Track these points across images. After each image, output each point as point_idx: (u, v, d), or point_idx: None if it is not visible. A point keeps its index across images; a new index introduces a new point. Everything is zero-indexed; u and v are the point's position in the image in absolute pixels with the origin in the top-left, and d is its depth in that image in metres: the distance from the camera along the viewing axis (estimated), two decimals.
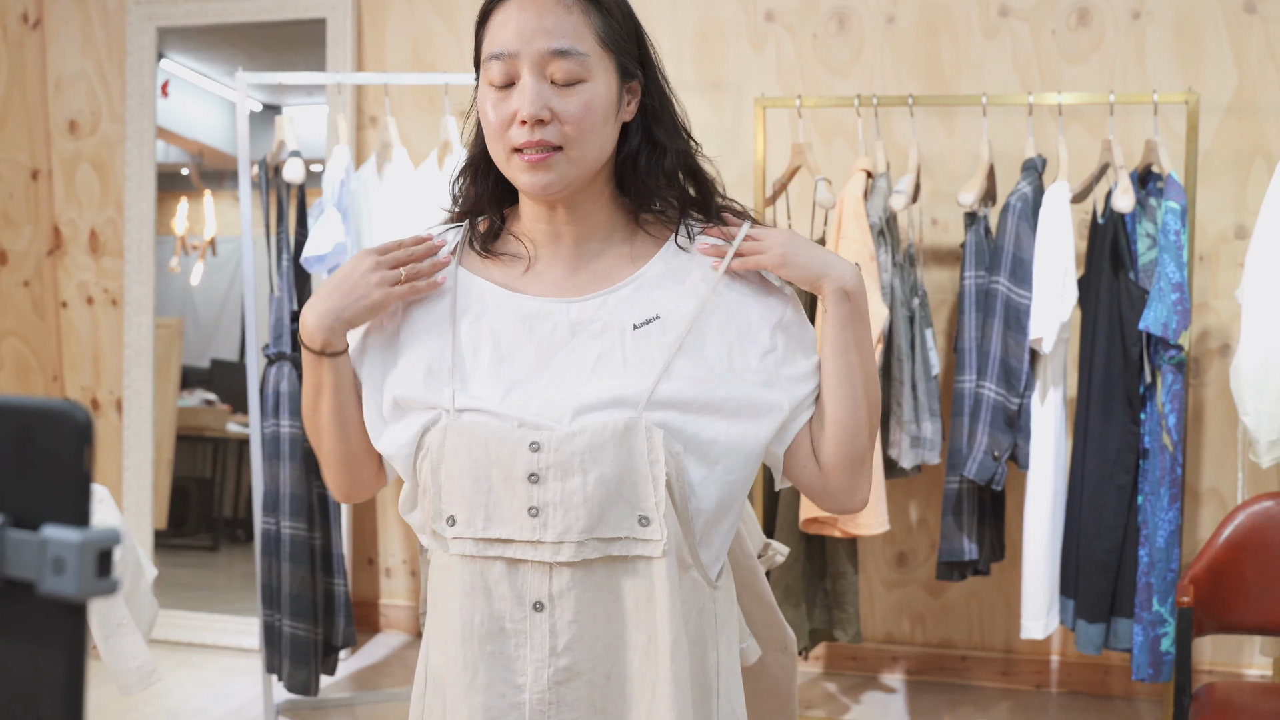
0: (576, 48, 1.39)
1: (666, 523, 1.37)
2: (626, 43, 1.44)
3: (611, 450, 1.36)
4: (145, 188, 4.63)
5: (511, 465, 1.38)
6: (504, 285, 1.48)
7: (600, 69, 1.41)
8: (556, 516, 1.37)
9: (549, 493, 1.36)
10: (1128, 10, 3.88)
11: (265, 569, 3.70)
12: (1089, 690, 4.05)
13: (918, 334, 3.61)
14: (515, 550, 1.39)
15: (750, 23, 4.14)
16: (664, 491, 1.36)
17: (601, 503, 1.36)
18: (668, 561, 1.38)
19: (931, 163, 3.97)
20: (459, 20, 4.36)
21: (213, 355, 5.57)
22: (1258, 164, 3.80)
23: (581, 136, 1.40)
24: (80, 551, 0.69)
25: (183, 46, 4.78)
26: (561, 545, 1.37)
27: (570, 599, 1.38)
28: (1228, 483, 3.87)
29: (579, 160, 1.41)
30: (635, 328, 1.42)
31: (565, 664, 1.39)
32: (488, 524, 1.39)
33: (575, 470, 1.36)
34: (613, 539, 1.37)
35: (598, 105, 1.40)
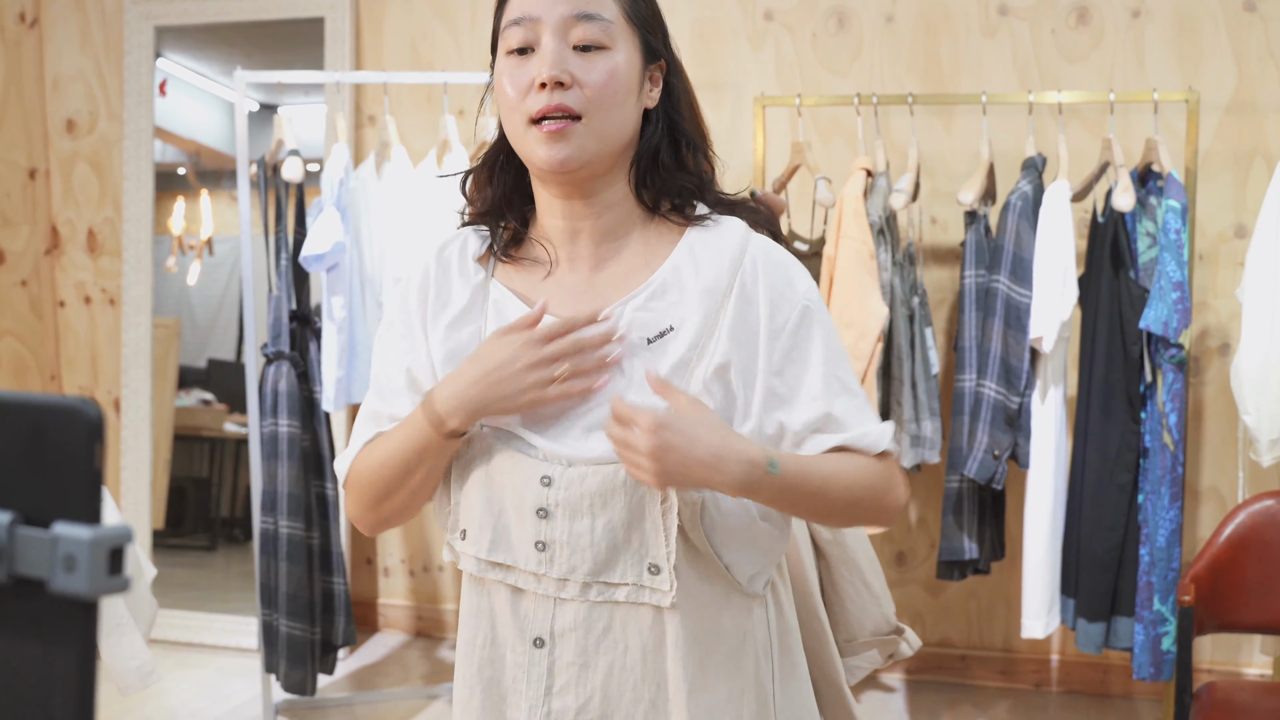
0: (600, 13, 1.35)
1: (676, 575, 1.33)
2: (652, 22, 1.41)
3: (622, 498, 1.32)
4: (143, 187, 4.62)
5: (522, 495, 1.35)
6: (527, 298, 1.43)
7: (624, 40, 1.37)
8: (563, 555, 1.34)
9: (556, 530, 1.34)
10: (1127, 9, 3.88)
11: (263, 568, 3.69)
12: (1088, 689, 4.05)
13: (917, 333, 3.61)
14: (518, 579, 1.37)
15: (749, 22, 4.13)
16: (675, 543, 1.32)
17: (609, 548, 1.33)
18: (681, 615, 1.34)
19: (931, 161, 3.97)
20: (457, 19, 4.35)
21: (210, 355, 5.57)
22: (1257, 163, 3.80)
23: (602, 104, 1.34)
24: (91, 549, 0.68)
25: (180, 46, 4.77)
26: (566, 583, 1.34)
27: (573, 640, 1.35)
28: (1228, 481, 3.87)
29: (598, 133, 1.35)
30: (649, 342, 1.37)
31: (559, 706, 1.36)
32: (493, 548, 1.38)
33: (584, 512, 1.33)
34: (620, 585, 1.34)
35: (620, 74, 1.36)
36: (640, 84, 1.40)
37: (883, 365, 3.55)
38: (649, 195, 1.43)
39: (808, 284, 1.41)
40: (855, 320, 3.40)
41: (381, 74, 3.78)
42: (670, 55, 1.44)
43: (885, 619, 1.63)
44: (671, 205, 1.44)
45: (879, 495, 1.38)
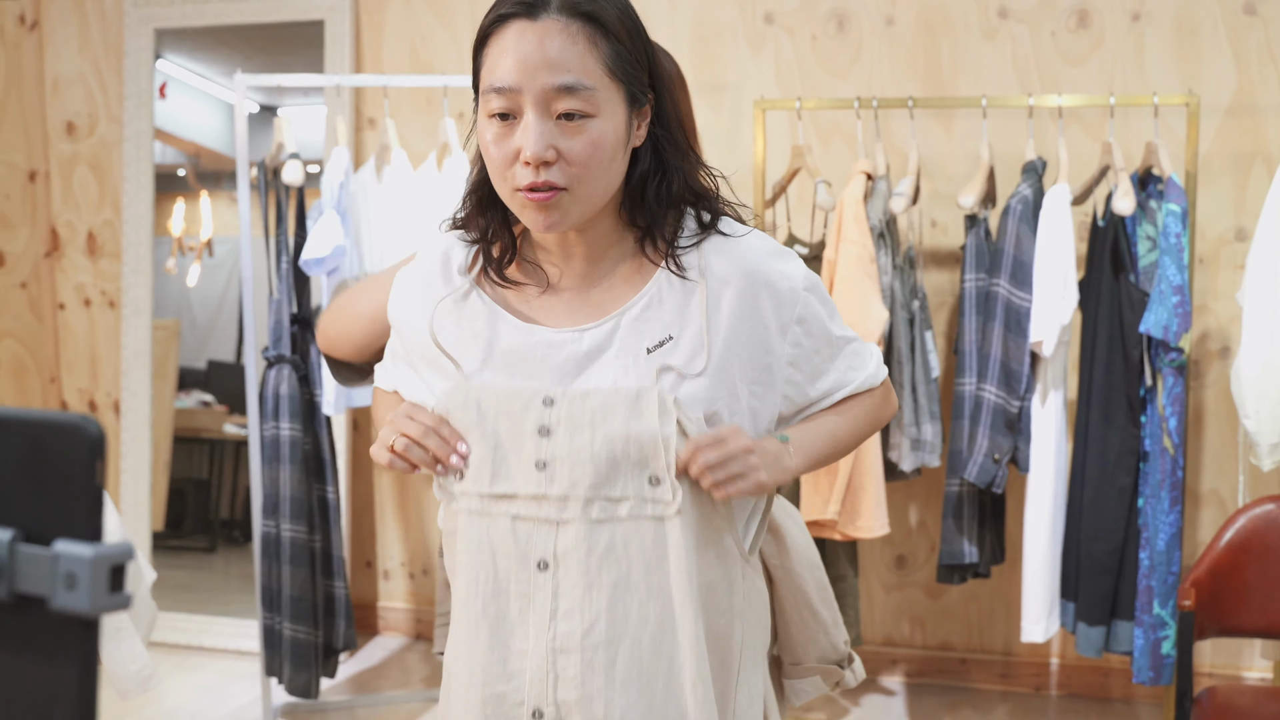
0: (583, 82, 1.31)
1: (681, 484, 1.34)
2: (636, 68, 1.36)
3: (622, 410, 1.34)
4: (143, 189, 4.62)
5: (523, 419, 1.36)
6: (519, 313, 1.44)
7: (608, 102, 1.33)
8: (563, 471, 1.35)
9: (557, 447, 1.35)
10: (1127, 12, 3.88)
11: (265, 572, 3.69)
12: (1088, 693, 4.05)
13: (917, 336, 3.60)
14: (520, 507, 1.37)
15: (749, 24, 4.13)
16: (674, 454, 1.33)
17: (609, 459, 1.34)
18: (683, 522, 1.35)
19: (931, 164, 3.97)
20: (457, 22, 4.35)
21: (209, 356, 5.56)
22: (1257, 166, 3.80)
23: (588, 176, 1.33)
24: (92, 567, 0.68)
25: (180, 47, 4.77)
26: (567, 501, 1.35)
27: (575, 559, 1.35)
28: (1228, 485, 3.87)
29: (585, 199, 1.35)
30: (649, 351, 1.39)
31: (564, 630, 1.36)
32: (494, 479, 1.38)
33: (584, 425, 1.34)
34: (620, 499, 1.35)
35: (605, 143, 1.33)
36: (628, 136, 1.38)
37: None
38: (641, 223, 1.43)
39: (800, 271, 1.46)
40: (855, 324, 3.39)
41: (381, 77, 3.78)
42: (658, 85, 1.41)
43: (833, 647, 1.64)
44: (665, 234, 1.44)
45: (876, 420, 1.56)
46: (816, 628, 1.61)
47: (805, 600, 1.65)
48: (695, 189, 1.44)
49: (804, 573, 1.66)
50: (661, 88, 1.41)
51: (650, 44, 1.41)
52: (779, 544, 1.65)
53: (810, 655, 1.67)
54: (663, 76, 1.42)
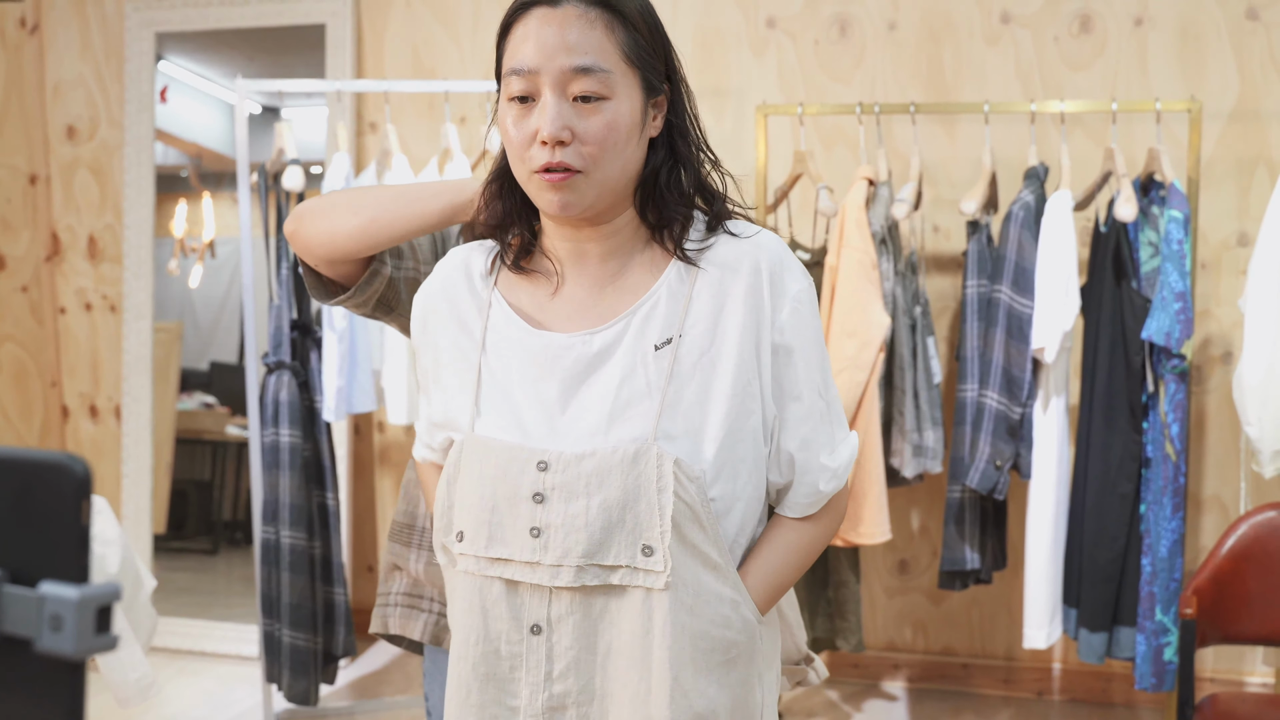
0: (600, 64, 1.35)
1: (672, 554, 1.34)
2: (653, 57, 1.41)
3: (618, 476, 1.34)
4: (144, 193, 4.61)
5: (518, 483, 1.36)
6: (531, 316, 1.45)
7: (624, 86, 1.37)
8: (557, 539, 1.35)
9: (552, 514, 1.35)
10: (1130, 17, 3.87)
11: (265, 578, 3.68)
12: (1091, 698, 4.04)
13: (919, 342, 3.60)
14: (514, 571, 1.37)
15: (751, 29, 4.12)
16: (670, 522, 1.33)
17: (604, 528, 1.34)
18: (673, 597, 1.35)
19: (933, 169, 3.96)
20: (459, 26, 4.34)
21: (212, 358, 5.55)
22: (1260, 171, 3.79)
23: (603, 158, 1.36)
24: (78, 609, 0.68)
25: (182, 49, 4.76)
26: (560, 569, 1.35)
27: (569, 624, 1.36)
28: (1230, 490, 3.86)
29: (600, 182, 1.37)
30: (656, 349, 1.39)
31: (561, 690, 1.38)
32: (490, 543, 1.39)
33: (580, 493, 1.34)
34: (613, 567, 1.35)
35: (620, 125, 1.36)
36: (643, 122, 1.41)
37: (885, 375, 3.54)
38: (653, 217, 1.44)
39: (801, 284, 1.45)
40: (857, 330, 3.39)
41: (383, 83, 3.77)
42: (675, 81, 1.45)
43: (796, 648, 1.65)
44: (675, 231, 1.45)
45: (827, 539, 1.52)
46: (784, 629, 1.61)
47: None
48: (708, 186, 1.47)
49: None
50: (678, 81, 1.45)
51: (668, 41, 1.45)
52: None
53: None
54: (680, 73, 1.45)
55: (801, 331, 1.43)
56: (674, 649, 1.35)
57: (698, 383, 1.38)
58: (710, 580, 1.37)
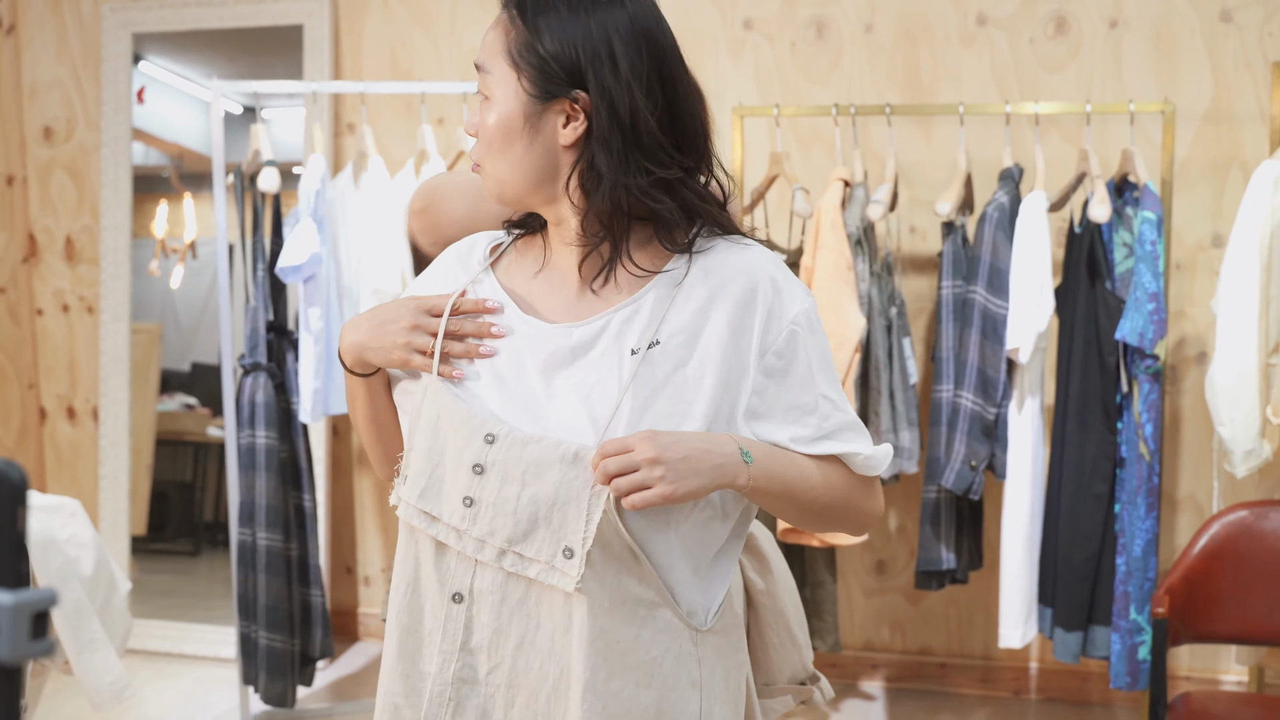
0: (485, 64, 1.42)
1: (592, 561, 1.33)
2: (553, 60, 1.37)
3: (554, 473, 1.33)
4: (121, 194, 4.60)
5: (464, 448, 1.37)
6: (522, 299, 1.47)
7: (501, 85, 1.40)
8: (486, 515, 1.35)
9: (487, 490, 1.35)
10: (1105, 19, 3.89)
11: (241, 580, 3.68)
12: (1067, 697, 4.06)
13: (895, 343, 3.61)
14: (439, 531, 1.39)
15: (728, 31, 4.13)
16: (594, 530, 1.32)
17: (530, 520, 1.34)
18: (590, 603, 1.34)
19: (909, 170, 3.97)
20: (436, 28, 4.34)
21: (193, 359, 5.54)
22: (1233, 172, 3.81)
23: (487, 154, 1.42)
24: (13, 614, 0.68)
25: (160, 49, 4.75)
26: (484, 545, 1.36)
27: (490, 602, 1.37)
28: (1204, 489, 3.87)
29: (495, 177, 1.43)
30: (633, 352, 1.38)
31: (473, 663, 1.38)
32: (423, 495, 1.40)
33: (516, 478, 1.34)
34: (533, 560, 1.35)
35: (492, 125, 1.41)
36: (526, 126, 1.39)
37: (860, 375, 3.55)
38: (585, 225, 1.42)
39: (801, 306, 1.41)
40: (833, 331, 3.40)
41: (359, 84, 3.77)
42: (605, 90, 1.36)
43: (804, 666, 1.65)
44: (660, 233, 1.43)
45: (855, 503, 1.44)
46: (792, 649, 1.61)
47: (785, 624, 1.66)
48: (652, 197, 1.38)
49: (785, 596, 1.67)
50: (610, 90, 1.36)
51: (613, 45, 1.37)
52: (763, 569, 1.65)
53: (784, 675, 1.68)
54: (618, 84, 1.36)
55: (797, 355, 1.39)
56: (591, 650, 1.34)
57: (670, 396, 1.36)
58: (632, 584, 1.36)
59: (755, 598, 1.65)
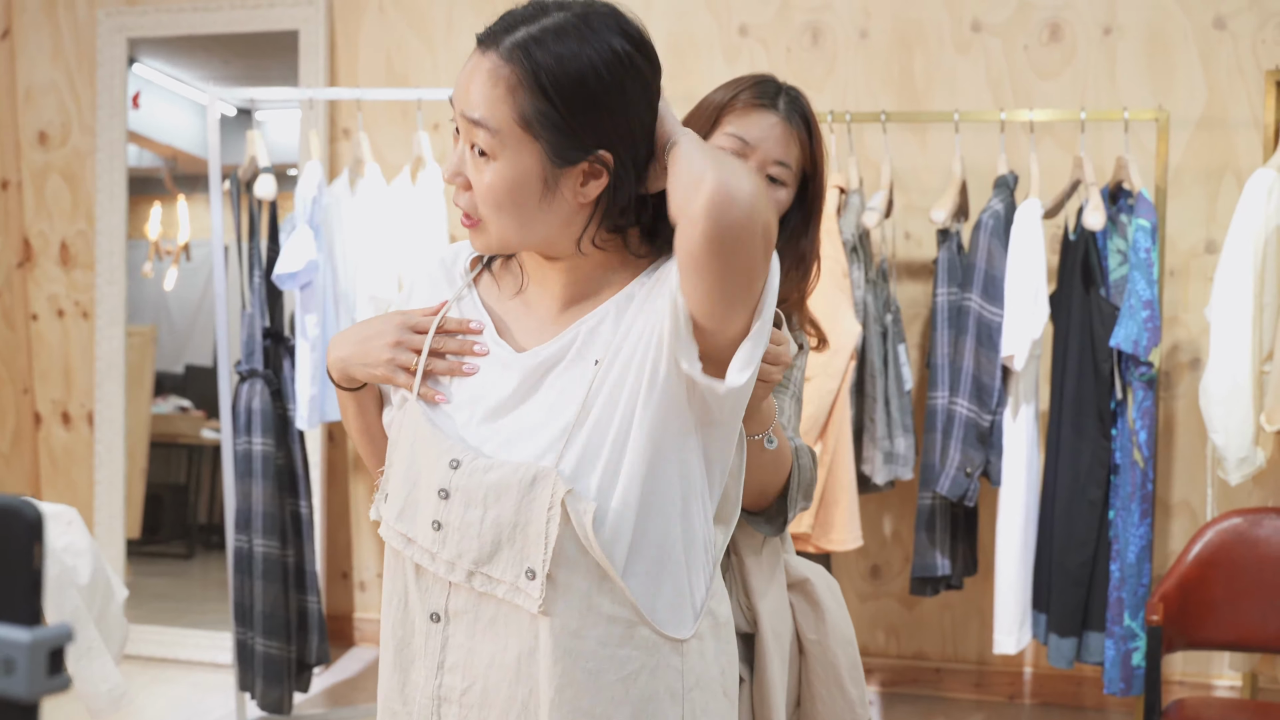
0: (487, 120, 1.32)
1: (557, 581, 1.33)
2: (570, 127, 1.32)
3: (514, 496, 1.34)
4: (116, 199, 4.60)
5: (432, 472, 1.39)
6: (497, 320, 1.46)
7: (513, 150, 1.32)
8: (453, 539, 1.37)
9: (452, 514, 1.37)
10: (1099, 25, 3.90)
11: (238, 587, 3.68)
12: (1061, 701, 4.07)
13: (890, 350, 3.62)
14: (415, 553, 1.41)
15: (724, 36, 4.14)
16: (552, 553, 1.32)
17: (494, 543, 1.35)
18: (553, 625, 1.34)
19: (904, 176, 3.98)
20: (432, 33, 4.34)
21: (187, 361, 5.54)
22: (1227, 179, 3.83)
23: (490, 214, 1.36)
24: (31, 652, 0.68)
25: (156, 51, 4.75)
26: (454, 567, 1.37)
27: (465, 621, 1.38)
28: (1199, 494, 3.89)
29: (500, 235, 1.37)
30: (597, 363, 1.37)
31: (449, 683, 1.39)
32: (400, 517, 1.42)
33: (478, 502, 1.35)
34: (499, 580, 1.36)
35: (500, 188, 1.33)
36: (545, 190, 1.34)
37: (856, 382, 3.56)
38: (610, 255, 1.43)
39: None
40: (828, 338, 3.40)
41: (355, 90, 3.77)
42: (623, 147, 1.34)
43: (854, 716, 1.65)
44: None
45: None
46: (843, 705, 1.62)
47: (835, 676, 1.66)
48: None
49: (838, 649, 1.67)
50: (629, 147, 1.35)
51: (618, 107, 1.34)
52: (818, 619, 1.65)
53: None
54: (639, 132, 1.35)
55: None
56: (556, 669, 1.34)
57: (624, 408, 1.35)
58: (604, 603, 1.35)
59: (807, 646, 1.65)
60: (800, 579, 1.76)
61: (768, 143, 1.74)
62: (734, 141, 1.75)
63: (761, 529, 1.65)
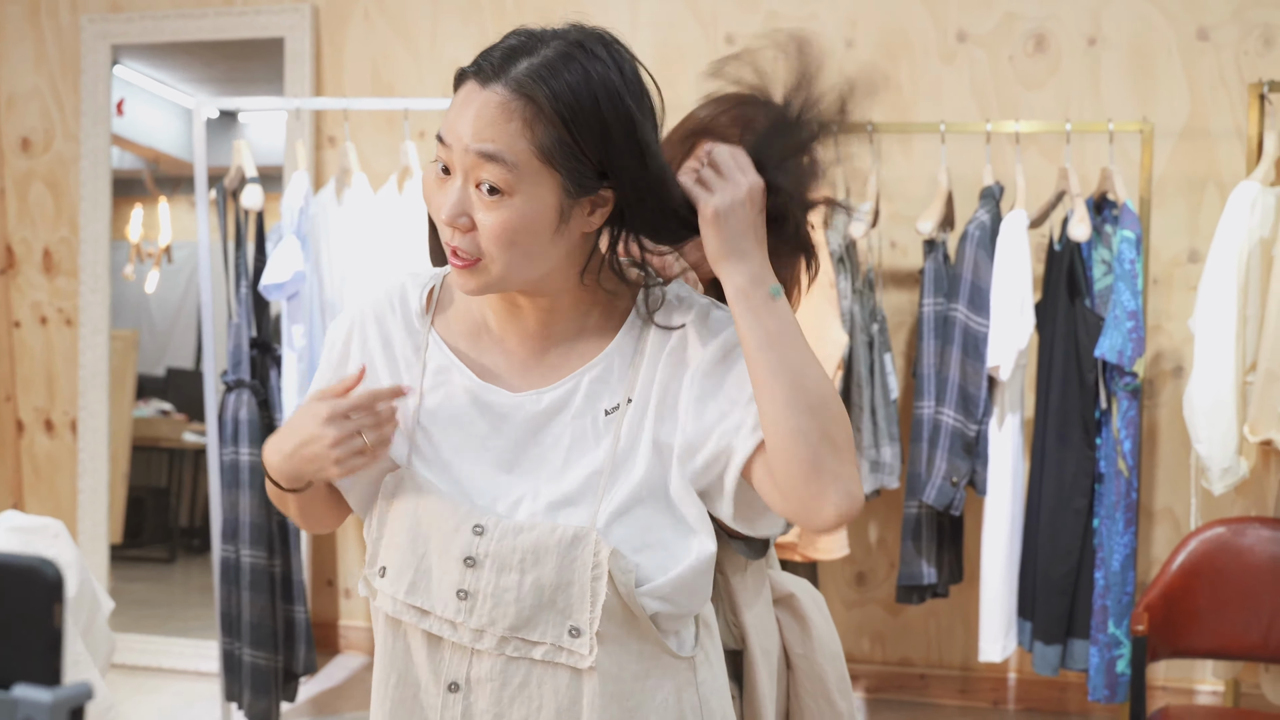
0: (504, 154, 1.27)
1: (603, 640, 1.32)
2: (585, 155, 1.29)
3: (554, 558, 1.31)
4: (100, 206, 4.58)
5: (451, 541, 1.34)
6: (473, 364, 1.41)
7: (531, 184, 1.28)
8: (485, 607, 1.33)
9: (482, 581, 1.33)
10: (1084, 36, 3.92)
11: (225, 597, 3.67)
12: (1046, 708, 4.09)
13: (877, 359, 3.63)
14: (431, 624, 1.36)
15: (710, 46, 4.15)
16: (600, 610, 1.31)
17: (534, 606, 1.32)
18: (600, 679, 1.33)
19: (889, 185, 3.99)
20: (418, 42, 4.34)
21: (168, 363, 5.52)
22: (1209, 189, 3.86)
23: (500, 254, 1.29)
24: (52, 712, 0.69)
25: (137, 55, 4.72)
26: (483, 635, 1.33)
27: (488, 690, 1.34)
28: (1181, 502, 3.92)
29: (502, 274, 1.31)
30: (607, 413, 1.36)
31: None
32: (411, 590, 1.36)
33: (513, 567, 1.32)
34: (538, 643, 1.33)
35: (517, 225, 1.28)
36: (559, 220, 1.31)
37: (843, 392, 3.57)
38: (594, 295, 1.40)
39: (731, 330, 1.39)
40: (815, 349, 3.39)
41: (342, 100, 3.77)
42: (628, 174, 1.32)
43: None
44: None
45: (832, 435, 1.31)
46: (832, 717, 1.62)
47: (824, 690, 1.66)
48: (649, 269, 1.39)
49: (825, 664, 1.67)
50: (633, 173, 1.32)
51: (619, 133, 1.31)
52: (804, 634, 1.66)
53: None
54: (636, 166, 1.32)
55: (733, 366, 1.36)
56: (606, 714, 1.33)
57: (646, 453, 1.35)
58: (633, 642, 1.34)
59: (794, 661, 1.65)
60: (785, 594, 1.76)
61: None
62: None
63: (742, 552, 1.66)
